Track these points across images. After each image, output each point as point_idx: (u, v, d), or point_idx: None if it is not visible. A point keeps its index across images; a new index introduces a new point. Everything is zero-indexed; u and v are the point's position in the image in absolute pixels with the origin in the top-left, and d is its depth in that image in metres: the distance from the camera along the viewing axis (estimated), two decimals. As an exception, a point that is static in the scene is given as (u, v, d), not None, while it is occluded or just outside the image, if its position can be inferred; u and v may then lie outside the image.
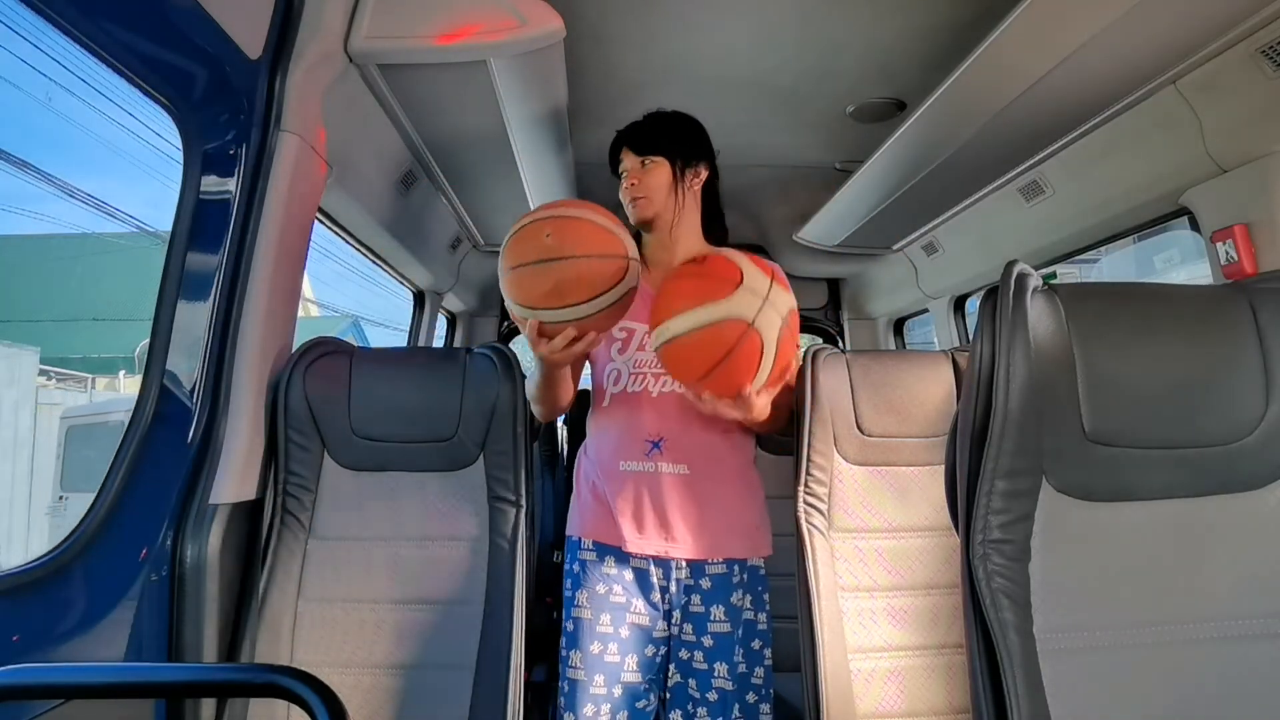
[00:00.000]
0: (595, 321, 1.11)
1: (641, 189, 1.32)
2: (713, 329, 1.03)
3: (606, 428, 1.31)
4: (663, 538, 1.23)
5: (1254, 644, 0.80)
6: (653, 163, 1.33)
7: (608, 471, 1.28)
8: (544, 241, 1.06)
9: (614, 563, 1.26)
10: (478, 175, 1.88)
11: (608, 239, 1.10)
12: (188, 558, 1.05)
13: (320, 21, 1.15)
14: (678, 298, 1.06)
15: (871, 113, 1.78)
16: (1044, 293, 0.83)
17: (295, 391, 1.17)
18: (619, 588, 1.25)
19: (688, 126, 1.36)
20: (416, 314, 2.49)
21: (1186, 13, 1.07)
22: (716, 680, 1.22)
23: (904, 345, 2.93)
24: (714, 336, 1.03)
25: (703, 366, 1.06)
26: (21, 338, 7.36)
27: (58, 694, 0.74)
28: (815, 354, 1.25)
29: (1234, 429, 0.82)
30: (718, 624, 1.23)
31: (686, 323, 1.04)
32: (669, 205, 1.34)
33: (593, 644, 1.23)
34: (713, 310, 1.03)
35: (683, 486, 1.24)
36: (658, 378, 1.27)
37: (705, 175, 1.36)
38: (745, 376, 1.06)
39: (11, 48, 13.46)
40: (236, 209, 1.12)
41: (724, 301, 1.03)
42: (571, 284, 1.06)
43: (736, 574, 1.26)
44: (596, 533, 1.28)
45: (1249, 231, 1.19)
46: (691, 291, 1.05)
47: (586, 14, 1.37)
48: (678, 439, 1.25)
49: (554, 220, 1.09)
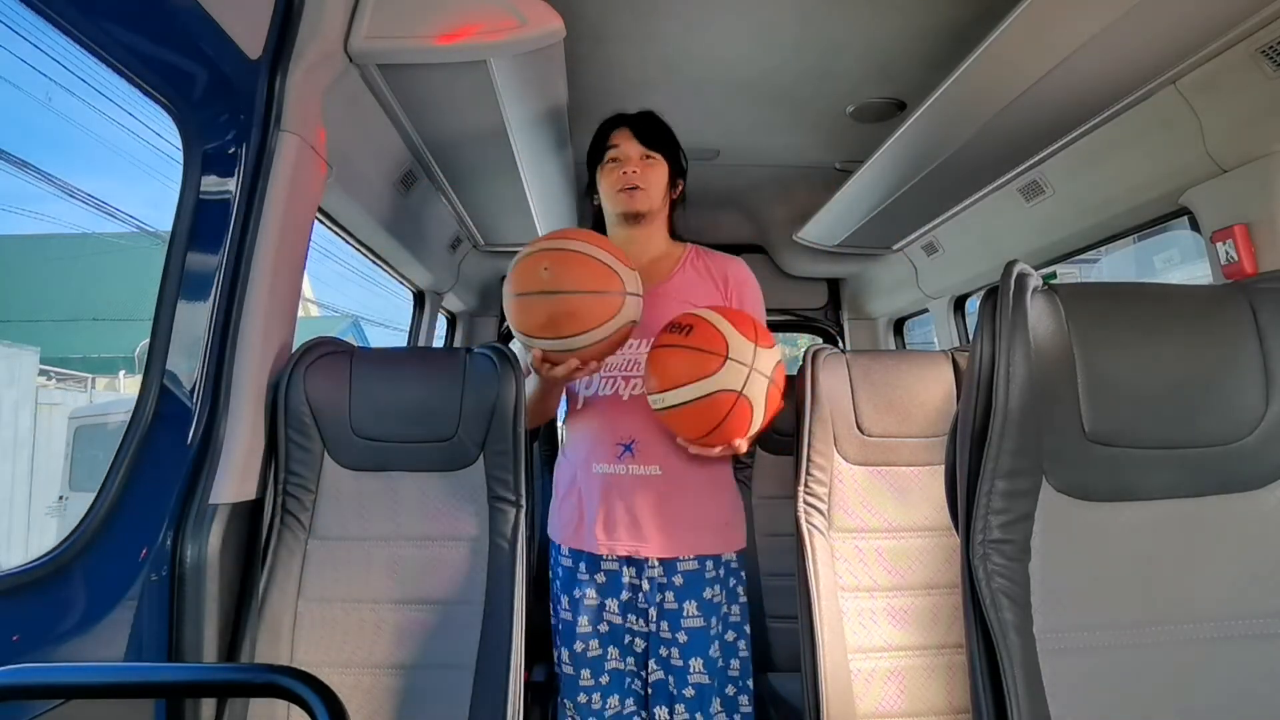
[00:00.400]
0: (593, 352, 1.15)
1: (643, 180, 1.32)
2: (706, 401, 1.12)
3: (581, 431, 1.34)
4: (634, 537, 1.27)
5: (1254, 644, 0.80)
6: (654, 158, 1.34)
7: (583, 474, 1.31)
8: (541, 275, 1.11)
9: (586, 569, 1.31)
10: (478, 175, 1.88)
11: (605, 275, 1.12)
12: (188, 558, 1.05)
13: (320, 21, 1.15)
14: (670, 373, 1.14)
15: (871, 113, 1.78)
16: (1044, 293, 0.83)
17: (295, 391, 1.17)
18: (592, 591, 1.30)
19: (676, 140, 1.40)
20: (416, 314, 2.49)
21: (1186, 13, 1.07)
22: (693, 675, 1.24)
23: (904, 345, 2.93)
24: (708, 407, 1.13)
25: (700, 430, 1.17)
26: (21, 338, 7.36)
27: (58, 694, 0.73)
28: (815, 354, 1.26)
29: (1234, 429, 0.82)
30: (691, 619, 1.26)
31: (681, 396, 1.13)
32: (661, 205, 1.37)
33: (576, 643, 1.30)
34: (704, 385, 1.12)
35: (654, 487, 1.27)
36: (628, 381, 1.30)
37: (680, 190, 1.41)
38: (738, 434, 1.16)
39: (11, 48, 13.45)
40: (236, 209, 1.12)
41: (714, 377, 1.11)
42: (566, 318, 1.10)
43: (710, 569, 1.28)
44: (570, 539, 1.32)
45: (1249, 231, 1.19)
46: (683, 368, 1.13)
47: (586, 14, 1.37)
48: (649, 442, 1.28)
49: (553, 253, 1.12)
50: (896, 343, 2.91)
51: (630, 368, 1.30)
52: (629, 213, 1.34)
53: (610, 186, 1.34)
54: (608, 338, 1.13)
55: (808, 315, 2.97)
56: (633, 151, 1.33)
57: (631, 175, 1.32)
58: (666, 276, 1.37)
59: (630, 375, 1.29)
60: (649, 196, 1.33)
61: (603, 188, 1.37)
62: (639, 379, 1.29)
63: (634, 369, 1.30)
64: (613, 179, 1.34)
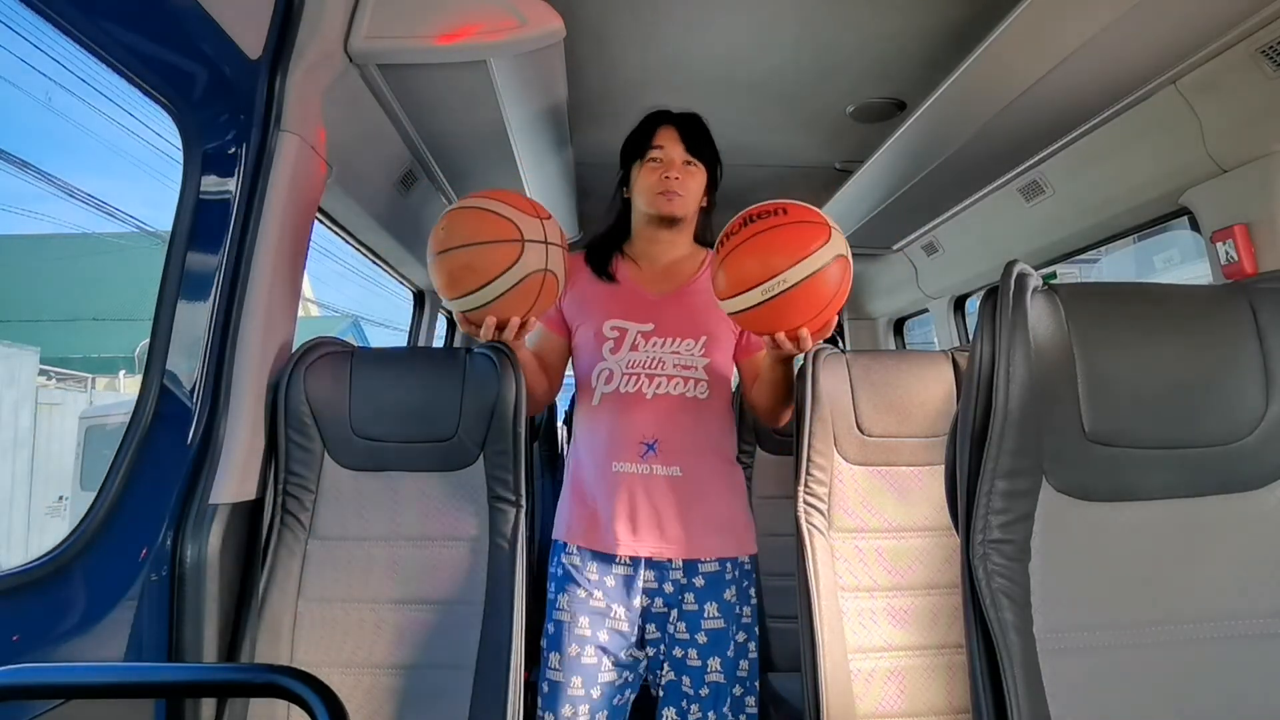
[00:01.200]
0: (507, 305, 1.11)
1: (683, 187, 1.30)
2: (820, 275, 1.05)
3: (596, 428, 1.30)
4: (657, 539, 1.24)
5: (1254, 644, 0.80)
6: (696, 166, 1.32)
7: (599, 473, 1.27)
8: (439, 235, 1.10)
9: (597, 568, 1.27)
10: (478, 175, 1.88)
11: (498, 225, 1.09)
12: (188, 558, 1.05)
13: (320, 21, 1.15)
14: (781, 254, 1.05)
15: (871, 113, 1.78)
16: (1044, 293, 0.83)
17: (295, 391, 1.17)
18: (600, 593, 1.26)
19: (717, 151, 1.37)
20: (416, 314, 2.49)
21: (1186, 13, 1.07)
22: (710, 675, 1.23)
23: (904, 345, 2.93)
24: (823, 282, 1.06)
25: (812, 311, 1.08)
26: (21, 338, 7.36)
27: (58, 694, 0.74)
28: (815, 354, 1.25)
29: (1234, 429, 0.82)
30: (711, 620, 1.24)
31: (798, 274, 1.04)
32: (693, 213, 1.35)
33: (571, 646, 1.24)
34: (819, 257, 1.05)
35: (677, 488, 1.25)
36: (652, 379, 1.27)
37: (710, 200, 1.39)
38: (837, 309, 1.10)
39: (11, 48, 13.46)
40: (236, 209, 1.12)
41: (827, 246, 1.06)
42: (463, 271, 1.09)
43: (729, 571, 1.27)
44: (582, 538, 1.28)
45: (1249, 231, 1.19)
46: (792, 246, 1.06)
47: (586, 14, 1.37)
48: (672, 441, 1.25)
49: (450, 213, 1.12)
50: (896, 343, 2.91)
51: (654, 365, 1.27)
52: (664, 216, 1.31)
53: (649, 187, 1.31)
54: (513, 287, 1.09)
55: None
56: (676, 155, 1.30)
57: (672, 180, 1.29)
58: (693, 276, 1.35)
59: (654, 373, 1.27)
60: (685, 203, 1.30)
61: (639, 185, 1.33)
62: (663, 377, 1.26)
63: (657, 366, 1.27)
64: (652, 179, 1.30)
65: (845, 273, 1.09)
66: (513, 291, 1.10)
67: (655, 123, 1.33)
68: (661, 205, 1.30)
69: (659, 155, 1.30)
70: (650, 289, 1.33)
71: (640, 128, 1.35)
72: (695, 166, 1.32)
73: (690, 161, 1.31)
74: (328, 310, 13.69)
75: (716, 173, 1.38)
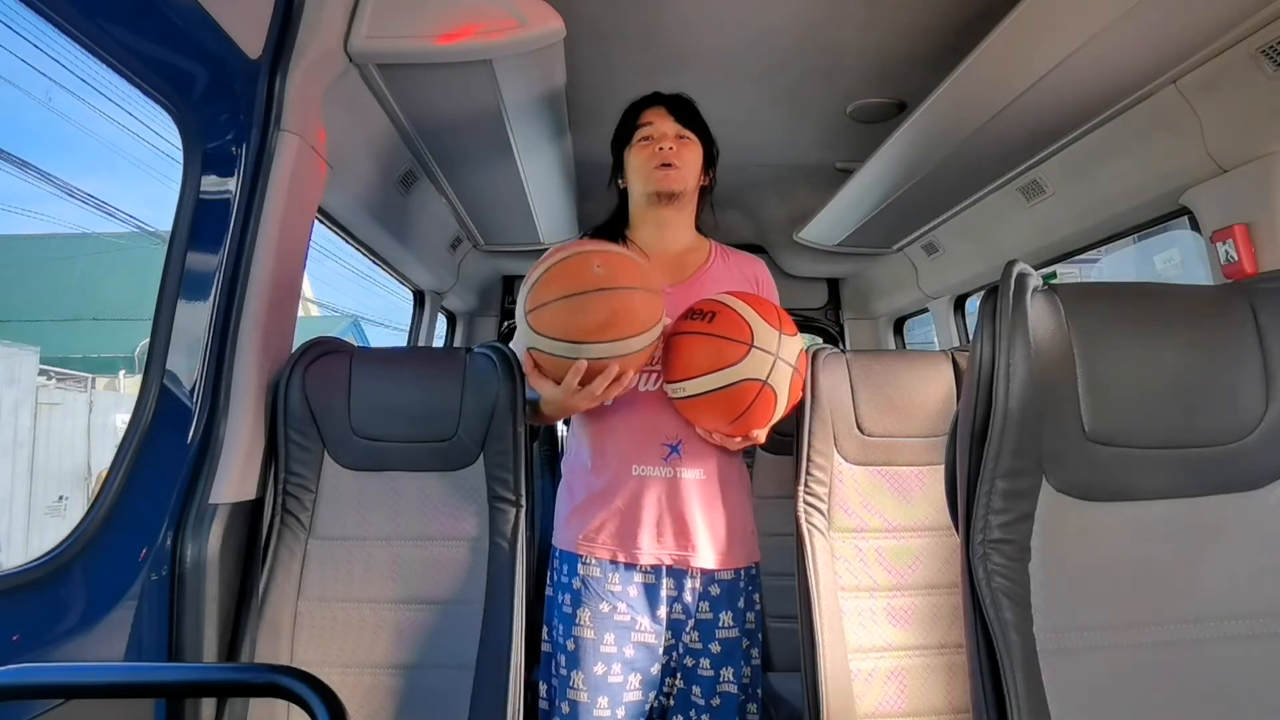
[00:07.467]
0: (638, 359, 1.09)
1: (678, 158, 1.25)
2: (729, 390, 1.08)
3: (612, 428, 1.23)
4: (682, 546, 1.19)
5: (1254, 644, 0.80)
6: (689, 138, 1.27)
7: (616, 477, 1.21)
8: (595, 272, 1.04)
9: (619, 579, 1.20)
10: (478, 175, 1.88)
11: (649, 274, 1.09)
12: (188, 557, 1.05)
13: (320, 21, 1.15)
14: (693, 362, 1.10)
15: (871, 113, 1.78)
16: (1044, 293, 0.83)
17: (295, 391, 1.17)
18: (624, 605, 1.20)
19: (708, 127, 1.33)
20: (416, 314, 2.49)
21: (1186, 13, 1.07)
22: (722, 685, 1.20)
23: (904, 345, 2.93)
24: (731, 397, 1.08)
25: (722, 421, 1.12)
26: (21, 338, 7.35)
27: (58, 694, 0.74)
28: (815, 354, 1.25)
29: (1234, 429, 0.82)
30: (725, 630, 1.22)
31: (703, 385, 1.09)
32: (693, 189, 1.30)
33: (596, 665, 1.18)
34: (728, 374, 1.07)
35: (700, 492, 1.21)
36: None
37: (711, 178, 1.35)
38: (760, 424, 1.13)
39: (11, 48, 13.45)
40: (236, 209, 1.12)
41: (738, 365, 1.07)
42: (626, 315, 1.04)
43: (742, 579, 1.25)
44: (600, 548, 1.21)
45: (1249, 231, 1.19)
46: (706, 356, 1.08)
47: (587, 13, 1.37)
48: (695, 441, 1.21)
49: (600, 254, 1.07)
50: (896, 342, 2.91)
51: None
52: (663, 191, 1.25)
53: (643, 164, 1.25)
54: (654, 341, 1.09)
55: (808, 315, 2.97)
56: (668, 129, 1.25)
57: (667, 152, 1.24)
58: (701, 269, 1.30)
59: None
60: (683, 176, 1.25)
61: (633, 166, 1.28)
62: None
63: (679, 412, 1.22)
64: (645, 155, 1.25)
65: (762, 392, 1.08)
66: (651, 345, 1.09)
67: (642, 105, 1.30)
68: (660, 180, 1.24)
69: (649, 132, 1.27)
70: (662, 280, 1.27)
71: (626, 114, 1.32)
72: (689, 139, 1.27)
73: (683, 135, 1.26)
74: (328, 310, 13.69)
75: (711, 148, 1.33)
